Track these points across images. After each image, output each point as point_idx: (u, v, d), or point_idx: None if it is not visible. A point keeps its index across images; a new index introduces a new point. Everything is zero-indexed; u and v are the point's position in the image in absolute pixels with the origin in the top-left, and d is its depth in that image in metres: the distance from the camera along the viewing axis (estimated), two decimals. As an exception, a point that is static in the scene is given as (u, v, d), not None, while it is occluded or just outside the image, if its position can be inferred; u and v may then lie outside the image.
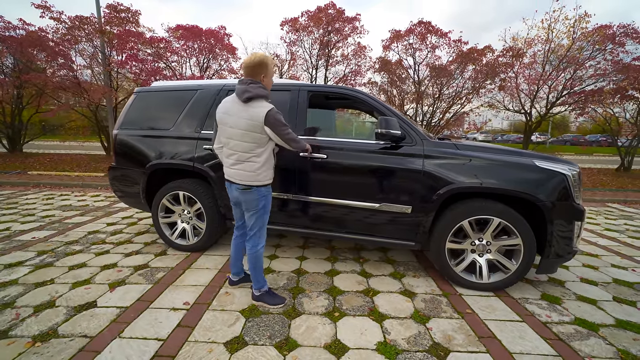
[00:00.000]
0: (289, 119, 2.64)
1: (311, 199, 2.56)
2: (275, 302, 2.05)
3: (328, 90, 2.94)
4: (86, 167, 8.56)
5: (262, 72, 1.83)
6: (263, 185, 1.91)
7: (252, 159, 1.85)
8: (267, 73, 1.85)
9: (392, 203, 2.41)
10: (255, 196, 1.90)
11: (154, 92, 3.18)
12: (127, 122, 3.14)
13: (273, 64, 1.87)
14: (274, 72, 1.92)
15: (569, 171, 2.22)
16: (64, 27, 8.34)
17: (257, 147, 1.84)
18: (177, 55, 9.09)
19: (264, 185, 1.92)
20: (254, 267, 2.03)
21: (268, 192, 1.97)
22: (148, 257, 2.87)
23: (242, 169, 1.87)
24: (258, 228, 1.99)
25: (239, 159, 1.87)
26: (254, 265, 2.02)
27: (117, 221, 4.02)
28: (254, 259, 2.01)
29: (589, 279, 2.66)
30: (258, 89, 1.80)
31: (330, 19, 9.22)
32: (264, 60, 1.82)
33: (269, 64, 1.83)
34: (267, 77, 1.86)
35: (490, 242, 2.35)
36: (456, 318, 2.01)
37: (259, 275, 2.05)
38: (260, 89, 1.81)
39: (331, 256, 3.01)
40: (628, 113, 9.99)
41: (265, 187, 1.94)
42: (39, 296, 2.13)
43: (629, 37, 7.65)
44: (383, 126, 2.28)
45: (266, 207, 1.97)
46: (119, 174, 3.21)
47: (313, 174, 2.54)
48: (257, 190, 1.90)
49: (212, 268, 2.66)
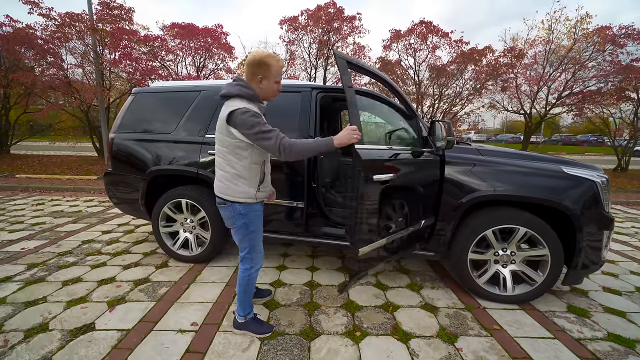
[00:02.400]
0: (299, 122, 2.49)
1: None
2: (263, 330, 1.82)
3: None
4: (78, 169, 8.26)
5: (260, 73, 1.53)
6: (238, 202, 1.61)
7: (225, 167, 1.59)
8: (268, 75, 1.54)
9: (428, 216, 2.27)
10: (230, 213, 1.64)
11: (153, 93, 2.99)
12: (125, 125, 2.95)
13: (280, 66, 1.54)
14: (279, 76, 1.56)
15: (597, 178, 2.11)
16: (54, 24, 8.02)
17: (228, 153, 1.57)
18: (172, 54, 8.83)
19: (240, 203, 1.61)
20: (244, 291, 1.77)
21: (249, 211, 1.64)
22: (148, 269, 2.68)
23: (217, 179, 1.64)
24: (247, 249, 1.72)
25: (217, 166, 1.64)
26: (244, 289, 1.77)
27: (113, 229, 3.81)
28: (244, 282, 1.76)
29: (612, 288, 2.57)
30: (236, 87, 1.54)
31: (330, 18, 9.08)
32: (264, 60, 1.52)
33: (271, 65, 1.52)
34: (266, 80, 1.55)
35: (514, 253, 2.24)
36: (485, 336, 1.89)
37: (247, 300, 1.81)
38: (240, 87, 1.53)
39: (343, 266, 2.87)
40: (624, 113, 10.09)
41: (243, 205, 1.62)
42: (30, 318, 1.94)
43: (630, 38, 7.68)
44: (440, 131, 2.07)
45: (248, 226, 1.66)
46: (115, 180, 3.02)
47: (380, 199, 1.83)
48: (232, 206, 1.62)
49: (219, 281, 2.49)
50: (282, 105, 2.59)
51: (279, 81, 1.59)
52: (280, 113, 2.59)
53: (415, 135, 2.28)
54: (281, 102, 2.60)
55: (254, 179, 1.61)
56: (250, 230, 1.68)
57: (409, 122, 2.34)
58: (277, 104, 2.62)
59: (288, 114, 2.55)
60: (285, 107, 2.57)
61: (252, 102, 1.55)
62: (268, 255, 3.04)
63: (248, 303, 1.83)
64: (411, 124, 2.32)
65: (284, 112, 2.57)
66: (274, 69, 1.54)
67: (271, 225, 2.61)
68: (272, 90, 1.60)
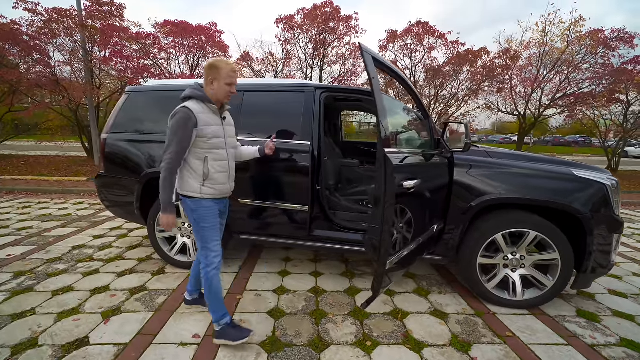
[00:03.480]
0: (303, 123, 2.41)
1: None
2: (239, 336, 1.71)
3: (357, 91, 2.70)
4: (66, 170, 7.99)
5: (211, 76, 1.62)
6: (187, 196, 1.66)
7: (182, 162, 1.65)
8: (218, 77, 1.61)
9: (439, 221, 2.21)
10: (184, 208, 1.70)
11: (148, 92, 2.87)
12: (118, 125, 2.81)
13: (230, 69, 1.62)
14: (230, 78, 1.62)
15: (608, 181, 2.09)
16: (40, 20, 7.74)
17: None
18: (165, 52, 8.62)
19: (189, 197, 1.66)
20: (208, 293, 1.73)
21: (198, 207, 1.65)
22: (144, 276, 2.56)
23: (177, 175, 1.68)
24: (200, 246, 1.72)
25: None
26: (208, 290, 1.72)
27: (105, 233, 3.66)
28: (206, 283, 1.72)
29: (617, 291, 2.56)
30: (190, 90, 1.64)
31: (326, 17, 8.99)
32: (214, 64, 1.63)
33: (221, 68, 1.61)
34: (217, 82, 1.62)
35: (524, 257, 2.20)
36: (498, 343, 1.84)
37: (215, 303, 1.73)
38: (192, 90, 1.64)
39: (347, 271, 2.79)
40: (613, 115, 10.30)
41: (191, 200, 1.65)
42: (18, 332, 1.81)
43: (622, 41, 7.82)
44: (463, 133, 2.05)
45: (199, 222, 1.67)
46: (108, 182, 2.88)
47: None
48: (184, 200, 1.68)
49: (219, 289, 2.38)
50: (286, 106, 2.50)
51: (230, 83, 1.64)
52: (284, 114, 2.50)
53: (428, 137, 2.23)
54: (284, 102, 2.52)
55: (198, 174, 1.64)
56: (201, 227, 1.67)
57: (422, 124, 2.28)
58: (280, 104, 2.54)
59: (291, 115, 2.46)
60: (288, 107, 2.48)
61: (203, 102, 1.63)
62: (270, 261, 2.95)
63: (218, 306, 1.74)
64: (425, 126, 2.26)
65: (287, 112, 2.49)
66: (223, 72, 1.61)
67: (273, 230, 2.53)
68: (224, 92, 1.64)
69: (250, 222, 2.54)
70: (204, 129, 1.58)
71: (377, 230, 1.45)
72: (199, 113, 1.58)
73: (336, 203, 2.69)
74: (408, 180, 1.64)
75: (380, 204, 1.41)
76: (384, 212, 1.39)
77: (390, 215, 1.41)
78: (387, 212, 1.39)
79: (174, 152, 1.55)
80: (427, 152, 2.11)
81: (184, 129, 1.54)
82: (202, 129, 1.58)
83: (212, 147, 1.63)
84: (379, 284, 1.51)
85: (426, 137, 2.23)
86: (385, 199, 1.39)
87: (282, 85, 2.59)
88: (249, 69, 10.16)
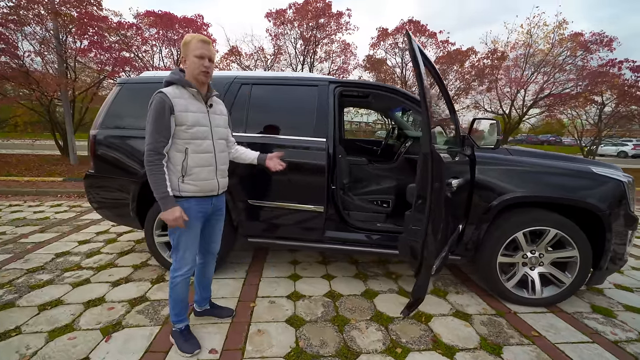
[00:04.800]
0: (317, 120, 2.28)
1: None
2: (185, 349, 1.60)
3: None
4: (38, 170, 7.39)
5: (183, 54, 1.48)
6: None
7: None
8: (187, 52, 1.44)
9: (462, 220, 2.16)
10: None
11: (143, 84, 2.63)
12: (110, 120, 2.56)
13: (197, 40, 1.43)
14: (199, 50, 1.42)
15: (624, 178, 2.12)
16: (7, 6, 7.07)
17: None
18: (147, 45, 8.14)
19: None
20: (170, 296, 1.62)
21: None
22: (143, 285, 2.34)
23: None
24: (173, 248, 1.57)
25: None
26: (170, 293, 1.61)
27: (91, 238, 3.36)
28: (170, 286, 1.60)
29: (623, 285, 2.63)
30: (170, 75, 1.49)
31: (317, 13, 8.83)
32: (184, 41, 1.48)
33: (189, 42, 1.44)
34: (187, 58, 1.45)
35: (542, 255, 2.19)
36: (527, 344, 1.80)
37: (174, 306, 1.63)
38: (171, 74, 1.49)
39: (359, 272, 2.70)
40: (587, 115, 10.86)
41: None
42: (3, 356, 1.57)
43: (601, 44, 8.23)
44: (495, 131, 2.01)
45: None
46: (98, 183, 2.62)
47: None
48: None
49: (229, 296, 2.22)
50: (298, 100, 2.36)
51: (200, 55, 1.43)
52: (296, 109, 2.36)
53: (455, 134, 2.17)
54: (296, 96, 2.38)
55: (177, 168, 1.47)
56: (177, 230, 1.50)
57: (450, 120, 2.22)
58: (291, 98, 2.40)
59: (305, 111, 2.33)
60: (301, 102, 2.34)
61: (183, 87, 1.47)
62: (277, 264, 2.80)
63: (175, 309, 1.63)
64: (452, 122, 2.21)
65: (299, 107, 2.35)
66: (191, 45, 1.44)
67: (284, 232, 2.39)
68: (196, 66, 1.44)
69: (259, 224, 2.39)
70: (181, 114, 1.41)
71: (419, 232, 1.36)
72: (175, 98, 1.41)
73: (350, 203, 2.58)
74: (453, 179, 1.57)
75: (426, 203, 1.31)
76: (430, 212, 1.30)
77: (439, 216, 1.32)
78: (434, 213, 1.30)
79: (152, 142, 1.38)
80: (454, 149, 2.05)
81: (160, 116, 1.38)
82: (179, 114, 1.41)
83: (193, 137, 1.46)
84: (424, 290, 1.42)
85: (453, 133, 2.17)
86: (432, 198, 1.30)
87: (293, 78, 2.44)
88: (237, 64, 9.84)
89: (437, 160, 1.31)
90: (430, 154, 1.31)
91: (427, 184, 1.30)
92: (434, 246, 1.37)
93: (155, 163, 1.39)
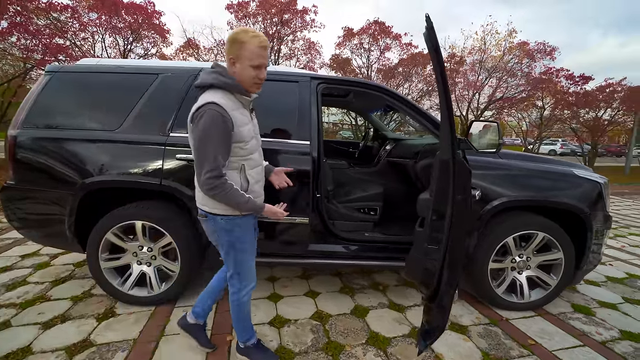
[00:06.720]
0: (299, 120, 2.02)
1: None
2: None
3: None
4: (-58, 177, 6.02)
5: (232, 54, 1.23)
6: (219, 214, 1.31)
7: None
8: (241, 56, 1.21)
9: None
10: (212, 227, 1.37)
11: (81, 74, 2.14)
12: (36, 117, 2.03)
13: (257, 44, 1.19)
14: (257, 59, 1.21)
15: (600, 179, 2.19)
16: None
17: None
18: (87, 32, 7.11)
19: (222, 215, 1.31)
20: (236, 318, 1.53)
21: (234, 226, 1.34)
22: (86, 324, 1.88)
23: (196, 188, 1.32)
24: (232, 269, 1.42)
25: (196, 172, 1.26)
26: (236, 315, 1.52)
27: (14, 263, 2.71)
28: (235, 308, 1.49)
29: (589, 280, 2.77)
30: (212, 74, 1.24)
31: (281, 8, 8.47)
32: (236, 37, 1.21)
33: (245, 42, 1.19)
34: (239, 63, 1.22)
35: (529, 258, 2.19)
36: (528, 355, 1.75)
37: (243, 325, 1.55)
38: (216, 74, 1.23)
39: (345, 286, 2.49)
40: (531, 118, 12.03)
41: (226, 219, 1.32)
42: None
43: (544, 53, 9.13)
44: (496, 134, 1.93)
45: (234, 244, 1.36)
46: (20, 196, 2.07)
47: None
48: (213, 219, 1.34)
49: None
50: (277, 99, 2.08)
51: (258, 66, 1.22)
52: (275, 109, 2.08)
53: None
54: (275, 93, 2.09)
55: (239, 187, 1.28)
56: (238, 249, 1.38)
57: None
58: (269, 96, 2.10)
59: (284, 110, 2.06)
60: (280, 100, 2.07)
61: (232, 93, 1.25)
62: (253, 282, 2.47)
63: (244, 327, 1.56)
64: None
65: (278, 107, 2.07)
66: (247, 48, 1.19)
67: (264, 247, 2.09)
68: (248, 77, 1.24)
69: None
70: (239, 130, 1.21)
71: (436, 252, 1.18)
72: (232, 110, 1.19)
73: (334, 211, 2.37)
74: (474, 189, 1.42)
75: (446, 220, 1.13)
76: (452, 230, 1.12)
77: (462, 235, 1.15)
78: (457, 231, 1.13)
79: (213, 168, 1.16)
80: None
81: (225, 136, 1.17)
82: (238, 131, 1.21)
83: (250, 152, 1.30)
84: (444, 320, 1.24)
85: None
86: (454, 213, 1.12)
87: (271, 73, 2.14)
88: (194, 57, 9.08)
89: (461, 169, 1.14)
90: (453, 161, 1.14)
91: (447, 196, 1.12)
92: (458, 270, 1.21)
93: (221, 187, 1.20)
